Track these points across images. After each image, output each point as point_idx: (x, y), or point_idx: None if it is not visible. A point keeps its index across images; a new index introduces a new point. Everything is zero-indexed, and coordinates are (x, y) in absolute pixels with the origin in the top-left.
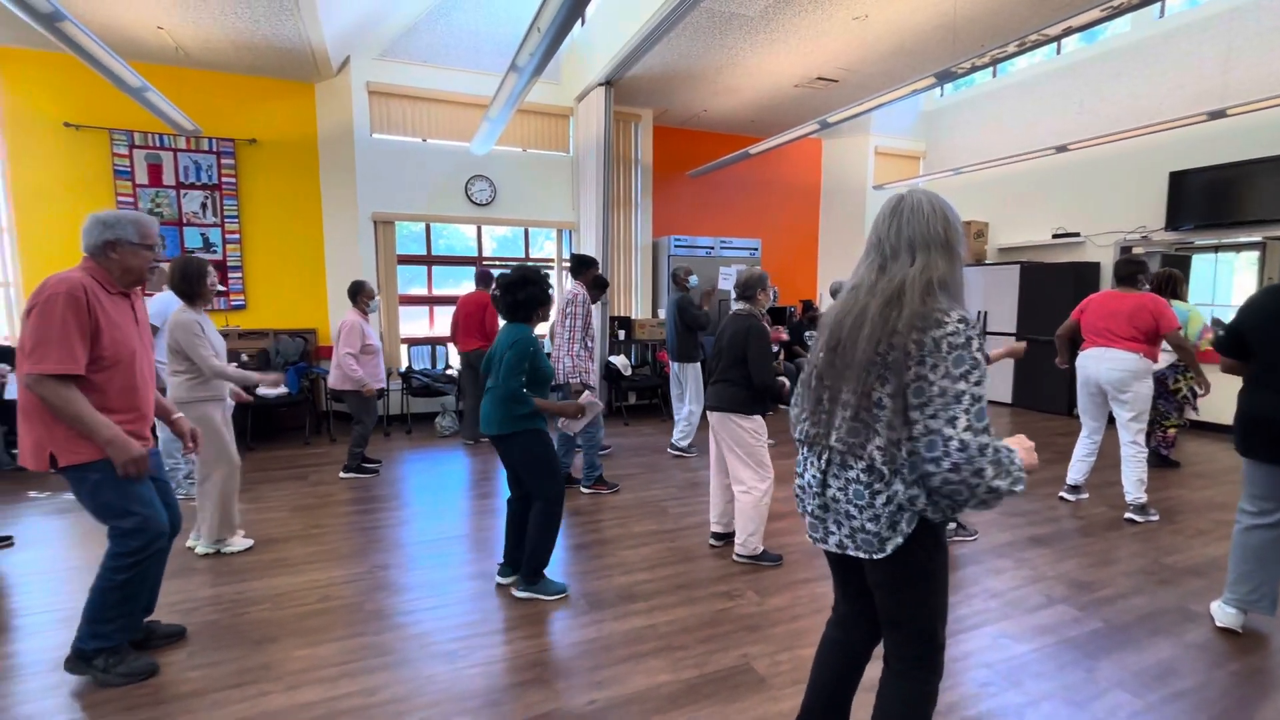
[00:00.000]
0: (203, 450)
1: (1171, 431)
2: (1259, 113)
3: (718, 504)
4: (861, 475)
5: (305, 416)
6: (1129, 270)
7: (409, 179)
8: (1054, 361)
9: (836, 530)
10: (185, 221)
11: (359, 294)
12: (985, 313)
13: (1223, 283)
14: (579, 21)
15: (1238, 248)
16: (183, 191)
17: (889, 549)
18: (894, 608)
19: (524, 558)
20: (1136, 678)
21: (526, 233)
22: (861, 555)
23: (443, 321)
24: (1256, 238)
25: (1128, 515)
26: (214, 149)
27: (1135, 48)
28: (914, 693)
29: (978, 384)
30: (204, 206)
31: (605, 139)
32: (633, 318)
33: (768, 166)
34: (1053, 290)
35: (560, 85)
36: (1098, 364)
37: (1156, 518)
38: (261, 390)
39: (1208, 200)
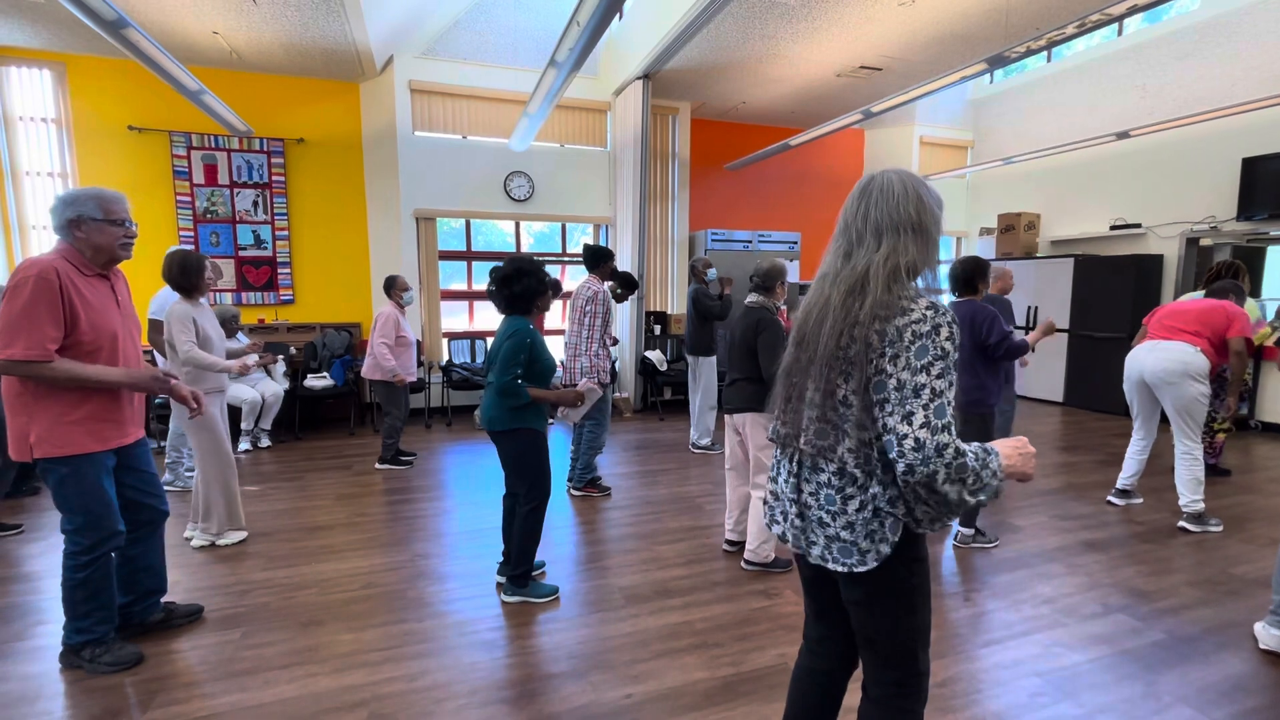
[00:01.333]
0: (199, 442)
1: (1220, 437)
2: None
3: (733, 511)
4: (833, 479)
5: (350, 408)
6: (1226, 288)
7: (450, 176)
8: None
9: (817, 540)
10: (238, 219)
11: (393, 287)
12: (1036, 307)
13: None
14: (618, 15)
15: None
16: (236, 190)
17: (870, 561)
18: (870, 626)
19: (510, 562)
20: (1201, 694)
21: (564, 228)
22: (840, 569)
23: (483, 316)
24: None
25: (1181, 523)
26: (264, 148)
27: (1205, 27)
28: None
29: (940, 377)
30: (255, 204)
31: (643, 133)
32: (669, 313)
33: (808, 158)
34: (1110, 284)
35: (598, 80)
36: (1147, 355)
37: (1219, 527)
38: (310, 381)
39: None
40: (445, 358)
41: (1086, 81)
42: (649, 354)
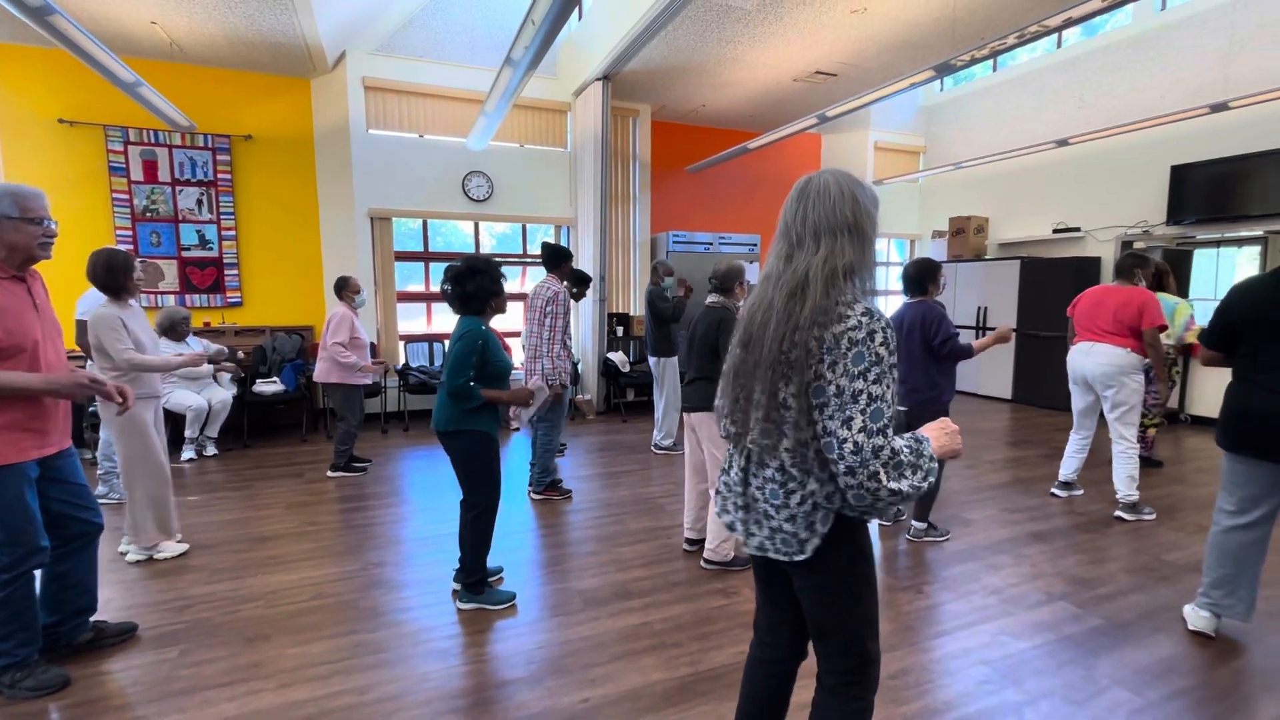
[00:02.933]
0: (127, 449)
1: (1151, 431)
2: (1260, 106)
3: (692, 509)
4: (776, 475)
5: (302, 413)
6: (1127, 264)
7: (406, 175)
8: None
9: (757, 531)
10: (181, 218)
11: (345, 288)
12: (985, 308)
13: (1224, 277)
14: (575, 15)
15: (1239, 242)
16: (178, 188)
17: (808, 550)
18: (821, 616)
19: (461, 569)
20: (1136, 676)
21: (524, 229)
22: (781, 558)
23: (441, 319)
24: (1258, 231)
25: (1117, 513)
26: (209, 145)
27: (1135, 41)
28: (848, 710)
29: (876, 382)
30: (200, 203)
31: (603, 134)
32: (631, 314)
33: (767, 162)
34: (1053, 285)
35: (558, 80)
36: (1085, 358)
37: (1152, 516)
38: (259, 386)
39: (1209, 194)
40: (402, 361)
41: (1029, 91)
42: (611, 355)
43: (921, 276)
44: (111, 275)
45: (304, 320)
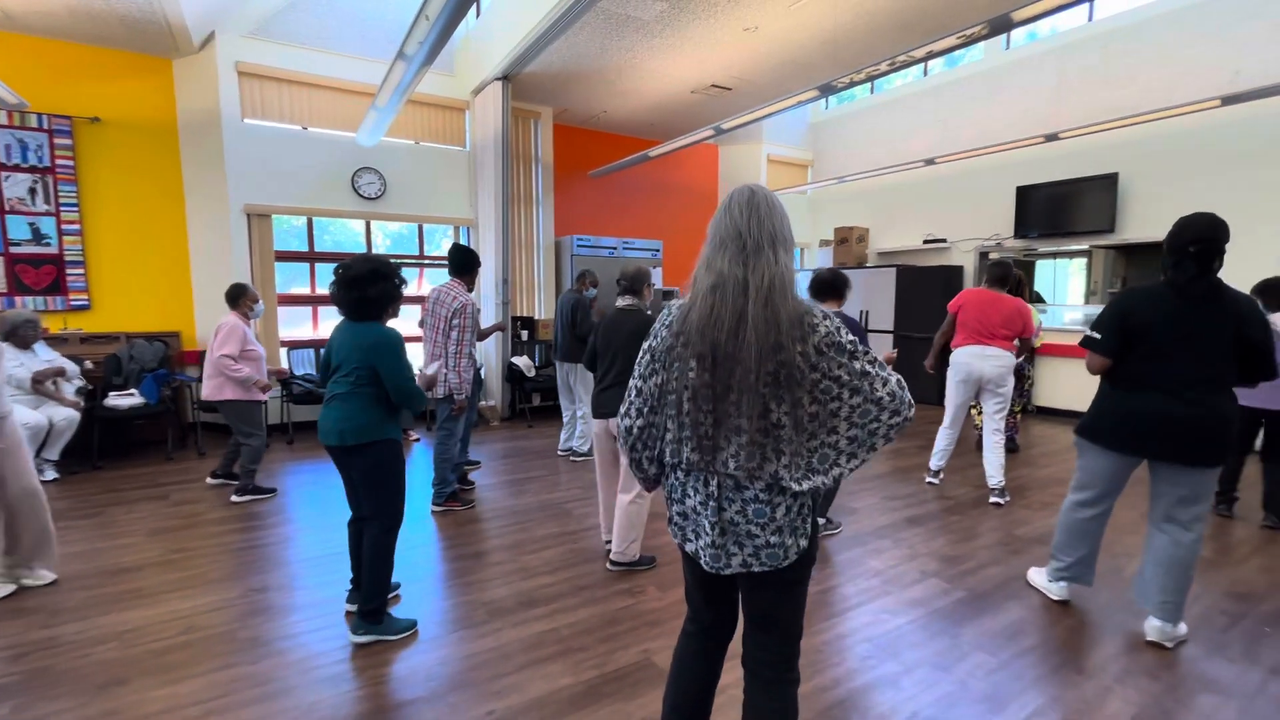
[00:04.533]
0: None
1: (1017, 416)
2: (1085, 138)
3: (609, 514)
4: (760, 494)
5: (168, 429)
6: (1003, 273)
7: (288, 169)
8: (924, 364)
9: (739, 551)
10: (8, 209)
11: (241, 297)
12: (867, 312)
13: (1060, 285)
14: (473, 13)
15: (1070, 255)
16: (4, 174)
17: (792, 555)
18: (783, 609)
19: (363, 594)
20: (993, 639)
21: (421, 229)
22: (765, 569)
23: (330, 324)
24: (1084, 246)
25: (993, 499)
26: (45, 127)
27: (987, 74)
28: (789, 697)
29: (865, 355)
30: (32, 192)
31: (503, 135)
32: (536, 318)
33: (669, 170)
34: (925, 291)
35: (455, 78)
36: (981, 361)
37: (1008, 498)
38: (112, 400)
39: (1047, 213)
40: (286, 369)
41: (902, 114)
42: (516, 360)
43: (838, 285)
44: None
45: (168, 326)
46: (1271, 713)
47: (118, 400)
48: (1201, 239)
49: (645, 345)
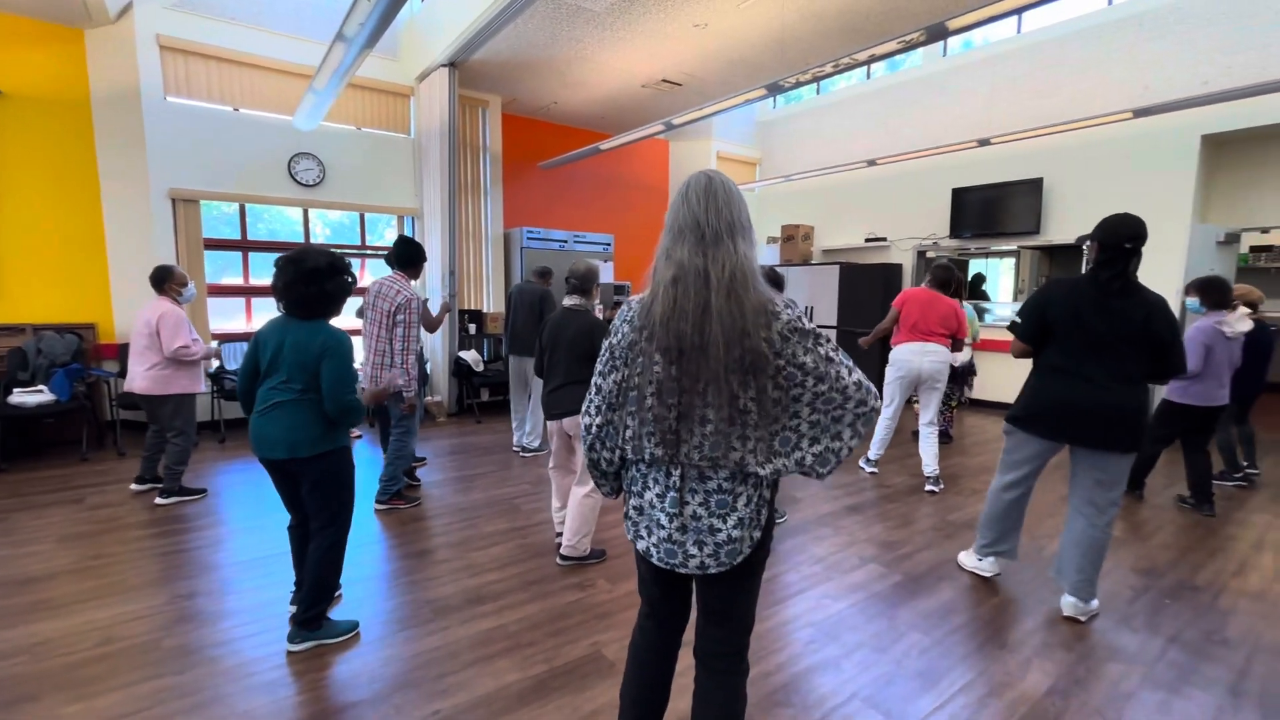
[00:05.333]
0: None
1: (953, 410)
2: (1013, 144)
3: (562, 505)
4: (724, 484)
5: (83, 427)
6: (945, 276)
7: (217, 153)
8: (860, 341)
9: (698, 551)
10: None
11: (168, 280)
12: (812, 308)
13: (992, 283)
14: None
15: (1000, 255)
16: None
17: (747, 550)
18: (734, 602)
19: (303, 601)
20: (926, 619)
21: (362, 218)
22: (723, 569)
23: (263, 317)
24: (1012, 246)
25: (928, 487)
26: None
27: (925, 80)
28: (739, 689)
29: (829, 343)
30: None
31: (450, 123)
32: (484, 311)
33: (620, 164)
34: (866, 288)
35: (399, 63)
36: (922, 357)
37: (941, 485)
38: (17, 397)
39: (979, 214)
40: (215, 364)
41: (846, 115)
42: (464, 354)
43: (775, 282)
44: None
45: (82, 317)
46: (1171, 677)
47: (23, 397)
48: (1137, 236)
49: (606, 343)
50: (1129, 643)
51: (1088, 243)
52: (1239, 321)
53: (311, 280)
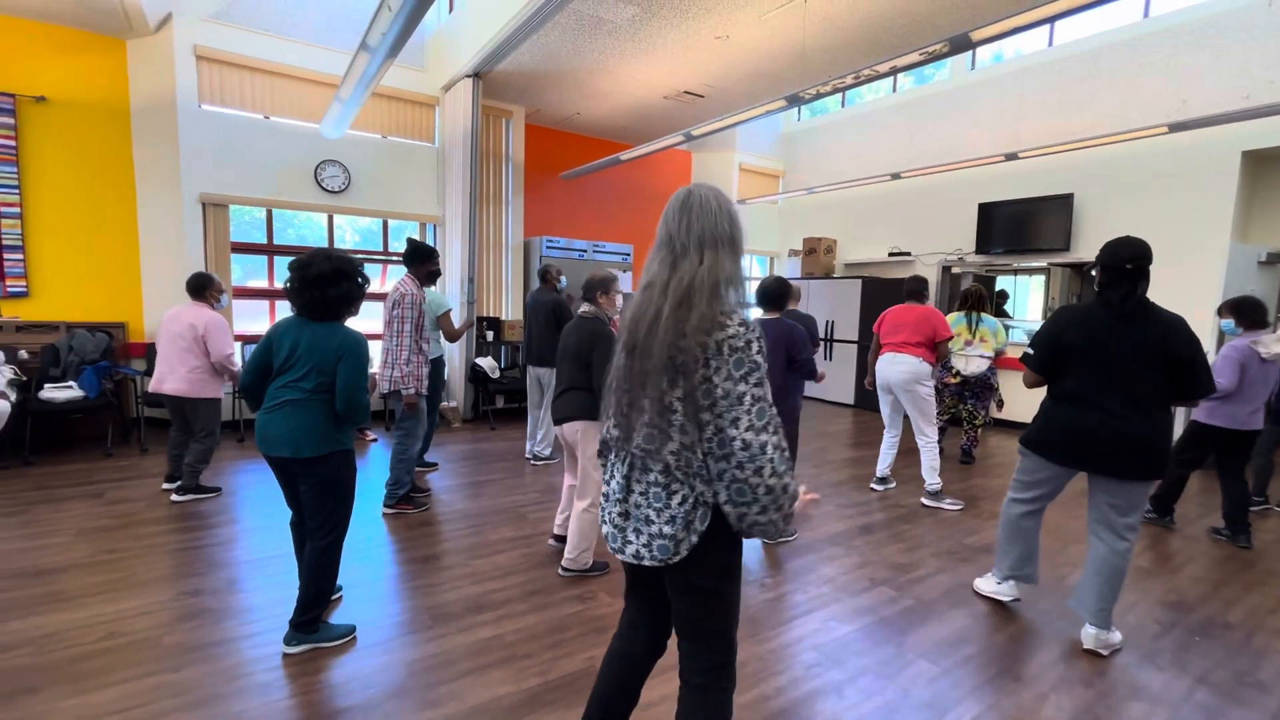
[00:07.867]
0: None
1: (978, 430)
2: (1043, 158)
3: (566, 508)
4: (659, 478)
5: (108, 424)
6: (918, 286)
7: (247, 158)
8: (866, 383)
9: (634, 539)
10: None
11: (207, 288)
12: (833, 321)
13: (1020, 300)
14: (445, 7)
15: (1030, 271)
16: None
17: (683, 551)
18: (693, 614)
19: (299, 605)
20: (936, 647)
21: (386, 224)
22: (656, 564)
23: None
24: (1042, 263)
25: (923, 500)
26: None
27: (953, 93)
28: (714, 704)
29: (758, 385)
30: None
31: (473, 133)
32: (502, 319)
33: (641, 174)
34: (889, 303)
35: (425, 73)
36: (890, 367)
37: (959, 506)
38: (47, 392)
39: (1008, 229)
40: (239, 364)
41: (871, 127)
42: (480, 361)
43: (781, 294)
44: None
45: (114, 316)
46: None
47: (54, 393)
48: (1139, 256)
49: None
50: (1153, 681)
51: (1095, 268)
52: (1276, 343)
53: (316, 286)
